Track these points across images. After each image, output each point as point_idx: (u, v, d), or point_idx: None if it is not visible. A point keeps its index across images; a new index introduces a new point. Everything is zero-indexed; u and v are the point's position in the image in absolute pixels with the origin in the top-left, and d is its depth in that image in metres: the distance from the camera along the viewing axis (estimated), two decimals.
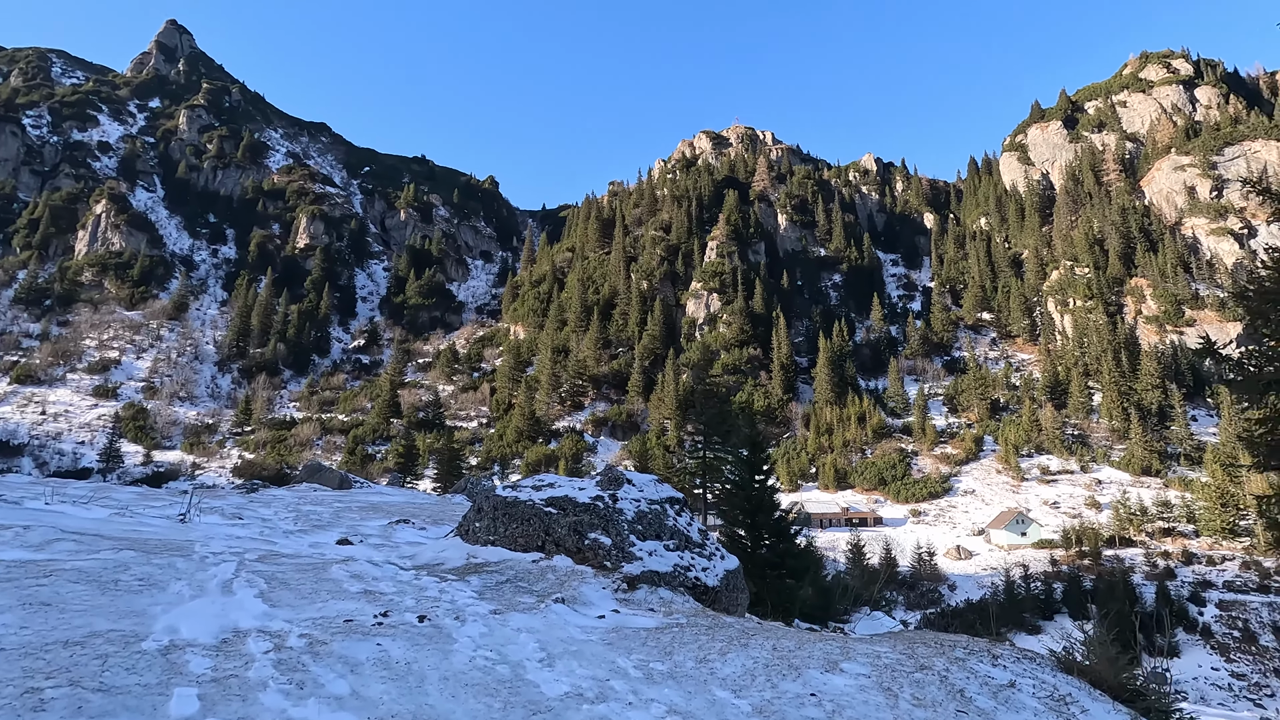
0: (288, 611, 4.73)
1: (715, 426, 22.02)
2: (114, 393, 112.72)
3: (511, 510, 8.43)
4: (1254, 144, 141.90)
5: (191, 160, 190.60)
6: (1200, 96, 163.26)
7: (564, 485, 8.91)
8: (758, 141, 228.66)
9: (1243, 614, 53.72)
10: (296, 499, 15.75)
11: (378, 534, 10.51)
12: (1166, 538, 72.77)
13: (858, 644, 4.93)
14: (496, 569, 7.13)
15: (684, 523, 8.53)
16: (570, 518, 8.11)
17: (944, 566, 68.22)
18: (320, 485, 22.06)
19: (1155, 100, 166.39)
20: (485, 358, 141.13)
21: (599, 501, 8.35)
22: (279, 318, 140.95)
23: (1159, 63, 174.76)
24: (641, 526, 8.12)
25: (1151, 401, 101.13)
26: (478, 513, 8.82)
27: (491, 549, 8.01)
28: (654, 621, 5.47)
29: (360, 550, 8.72)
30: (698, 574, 7.58)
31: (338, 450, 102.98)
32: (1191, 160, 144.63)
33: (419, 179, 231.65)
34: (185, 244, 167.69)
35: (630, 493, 8.66)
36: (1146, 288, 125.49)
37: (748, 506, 15.11)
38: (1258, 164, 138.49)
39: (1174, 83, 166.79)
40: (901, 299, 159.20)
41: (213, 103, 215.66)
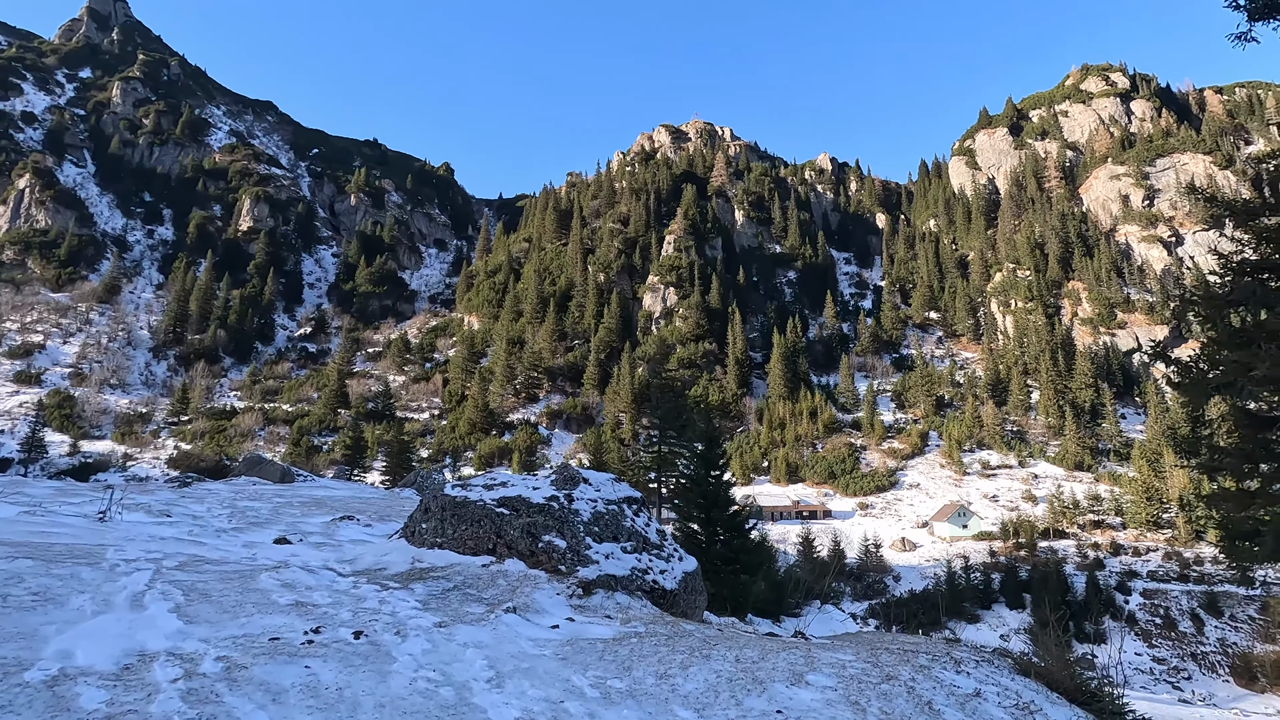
0: (205, 629, 4.26)
1: (671, 421, 21.85)
2: (38, 379, 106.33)
3: (461, 511, 7.97)
4: (1183, 156, 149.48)
5: (126, 135, 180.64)
6: (1135, 109, 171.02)
7: (517, 484, 8.52)
8: (716, 137, 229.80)
9: (1164, 602, 56.74)
10: (234, 494, 14.94)
11: (320, 532, 9.96)
12: (1097, 530, 76.30)
13: (821, 652, 4.75)
14: (443, 575, 6.70)
15: (641, 523, 8.22)
16: (523, 519, 7.73)
17: (889, 558, 70.03)
18: (261, 479, 21.07)
19: (1094, 111, 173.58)
20: (438, 348, 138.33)
21: (554, 502, 7.96)
22: (219, 303, 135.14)
23: (1098, 75, 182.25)
24: (598, 528, 7.78)
25: (1085, 400, 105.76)
26: (425, 513, 8.31)
27: (439, 552, 7.56)
28: (611, 631, 5.16)
29: (300, 550, 8.18)
30: (655, 577, 7.32)
31: (281, 441, 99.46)
32: (1126, 170, 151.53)
33: (371, 163, 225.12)
34: (118, 223, 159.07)
35: (587, 492, 8.29)
36: (1083, 291, 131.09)
37: (703, 502, 14.98)
38: (1186, 176, 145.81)
39: (1112, 95, 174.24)
40: (854, 297, 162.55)
41: (150, 75, 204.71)
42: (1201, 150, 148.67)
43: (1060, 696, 5.09)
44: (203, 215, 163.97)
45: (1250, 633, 52.01)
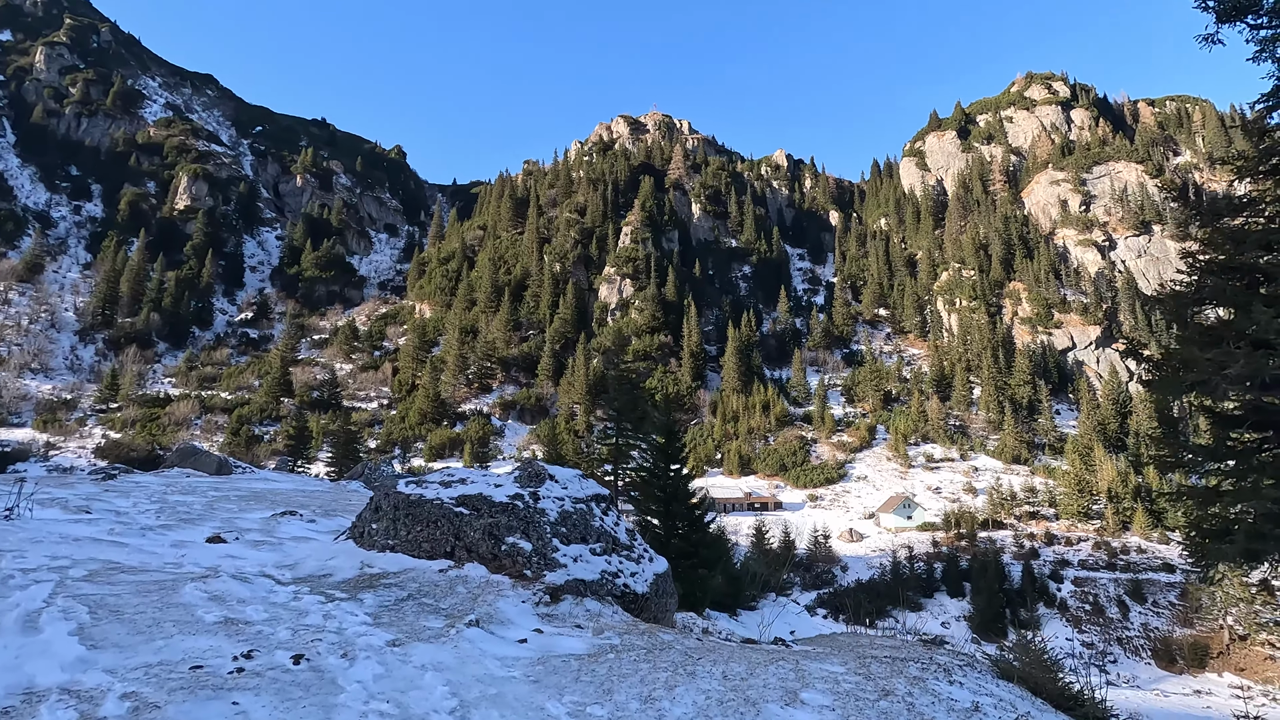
0: (113, 656, 3.58)
1: (628, 413, 21.50)
2: None
3: (416, 510, 7.36)
4: (1118, 165, 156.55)
5: (50, 104, 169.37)
6: (1075, 118, 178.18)
7: (478, 481, 7.92)
8: (675, 130, 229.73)
9: (1093, 589, 59.52)
10: (164, 486, 13.91)
11: (258, 528, 9.21)
12: (1032, 520, 79.54)
13: (809, 664, 4.44)
14: (396, 582, 6.09)
15: (610, 523, 7.77)
16: (485, 520, 7.22)
17: (837, 549, 71.51)
18: (195, 470, 19.84)
19: (1037, 118, 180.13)
20: (388, 336, 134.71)
21: (518, 501, 7.45)
22: (153, 285, 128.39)
23: (1042, 83, 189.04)
24: (565, 529, 7.33)
25: (1023, 396, 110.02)
26: (375, 512, 7.68)
27: (391, 556, 6.92)
28: (584, 644, 4.72)
29: (235, 550, 7.46)
30: (626, 580, 6.90)
31: (219, 431, 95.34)
32: (1065, 176, 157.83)
33: (318, 143, 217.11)
34: (41, 198, 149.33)
35: (553, 490, 7.79)
36: (1023, 291, 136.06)
37: (661, 495, 14.70)
38: (1120, 183, 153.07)
39: (1054, 103, 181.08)
40: (806, 292, 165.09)
41: (77, 41, 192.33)
42: (1134, 159, 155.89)
43: (1045, 702, 4.96)
44: (135, 192, 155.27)
45: (1171, 618, 54.99)
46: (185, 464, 19.37)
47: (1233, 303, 9.03)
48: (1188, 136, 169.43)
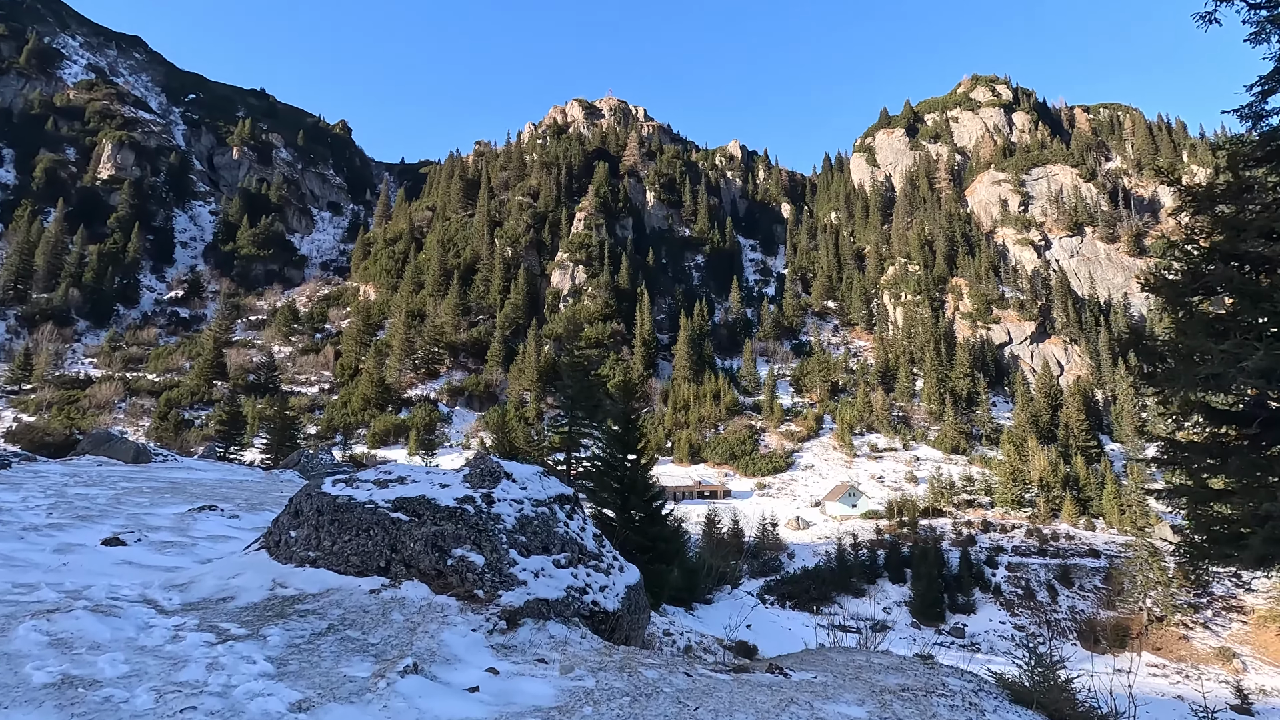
0: None
1: (582, 400, 20.81)
2: None
3: (344, 516, 6.26)
4: (1054, 168, 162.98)
5: None
6: (1016, 121, 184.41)
7: (420, 481, 6.81)
8: (630, 116, 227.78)
9: (1025, 574, 62.08)
10: (68, 477, 12.55)
11: (170, 526, 8.18)
12: (970, 508, 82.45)
13: (824, 706, 3.86)
14: (315, 608, 5.00)
15: (576, 528, 6.84)
16: (428, 528, 6.12)
17: (785, 536, 72.57)
18: (110, 458, 18.24)
19: (981, 120, 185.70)
20: (330, 318, 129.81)
21: (468, 505, 6.37)
22: (73, 258, 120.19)
23: (986, 86, 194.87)
24: (525, 537, 6.32)
25: (963, 389, 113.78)
26: (294, 517, 6.45)
27: (311, 572, 5.77)
28: (551, 689, 3.87)
29: (135, 553, 6.44)
30: (596, 596, 6.04)
31: (146, 415, 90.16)
32: (1006, 177, 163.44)
33: (257, 115, 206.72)
34: None
35: (510, 491, 6.74)
36: (964, 287, 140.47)
37: (618, 487, 14.13)
38: (1056, 186, 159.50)
39: (997, 106, 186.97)
40: (758, 283, 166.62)
41: None
42: (1070, 163, 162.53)
43: None
44: (53, 158, 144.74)
45: (1096, 601, 57.80)
46: (98, 451, 17.77)
47: (1240, 291, 8.92)
48: (1119, 143, 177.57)
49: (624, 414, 15.53)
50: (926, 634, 53.21)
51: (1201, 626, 51.75)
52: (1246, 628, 51.79)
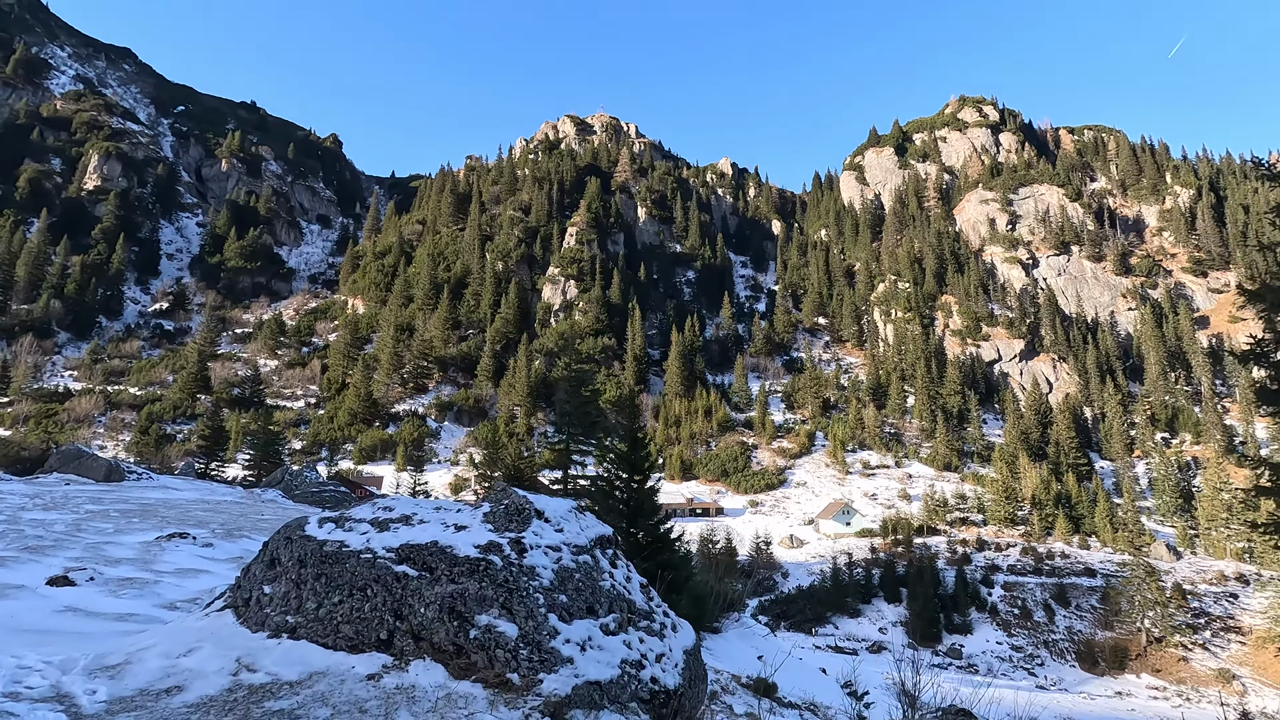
0: None
1: (580, 417, 20.04)
2: None
3: (333, 569, 4.95)
4: (1041, 187, 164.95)
5: None
6: (1003, 141, 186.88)
7: (429, 521, 5.35)
8: (622, 132, 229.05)
9: (1021, 594, 61.46)
10: (28, 498, 11.64)
11: (134, 558, 7.36)
12: (963, 526, 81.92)
13: None
14: (291, 707, 3.82)
15: (622, 578, 5.51)
16: (444, 586, 4.77)
17: (779, 555, 71.67)
18: (79, 476, 17.26)
19: (969, 140, 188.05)
20: (318, 331, 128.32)
21: (494, 555, 5.00)
22: (55, 269, 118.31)
23: (973, 107, 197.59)
24: (566, 596, 4.97)
25: (954, 405, 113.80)
26: (270, 567, 5.17)
27: (289, 646, 4.54)
28: None
29: (82, 598, 5.38)
30: (654, 670, 4.77)
31: (127, 429, 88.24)
32: (994, 196, 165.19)
33: (247, 127, 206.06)
34: None
35: (544, 534, 5.33)
36: (954, 304, 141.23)
37: (626, 510, 13.35)
38: (1043, 205, 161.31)
39: (984, 126, 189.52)
40: (749, 299, 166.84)
41: None
42: (1056, 183, 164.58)
43: None
44: (37, 169, 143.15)
45: (1093, 621, 57.22)
46: (68, 469, 16.81)
47: None
48: (1103, 163, 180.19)
49: (631, 432, 14.82)
50: (923, 655, 52.33)
51: (1200, 648, 51.25)
52: (1245, 649, 51.35)
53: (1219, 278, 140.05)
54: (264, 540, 6.20)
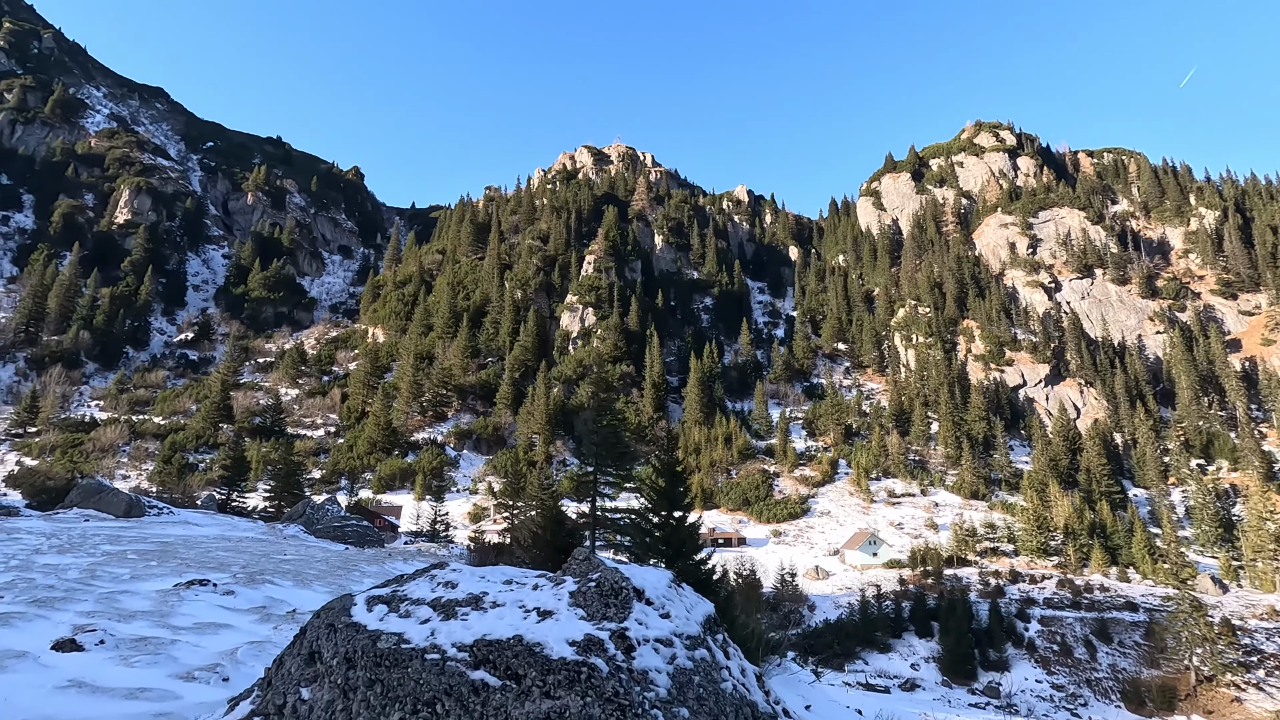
0: None
1: (608, 448, 19.38)
2: None
3: (392, 675, 3.89)
4: (1062, 210, 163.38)
5: None
6: (1021, 165, 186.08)
7: (503, 603, 4.26)
8: (638, 162, 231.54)
9: (1060, 629, 59.02)
10: (43, 537, 11.16)
11: (149, 610, 6.81)
12: (994, 557, 79.42)
13: None
14: None
15: (738, 671, 4.44)
16: (537, 703, 3.67)
17: (804, 587, 69.77)
18: (99, 511, 16.88)
19: (986, 164, 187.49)
20: (338, 360, 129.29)
21: (595, 655, 3.93)
22: (85, 301, 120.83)
23: (990, 132, 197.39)
24: (688, 709, 3.86)
25: (979, 432, 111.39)
26: (308, 663, 4.16)
27: None
28: None
29: (86, 668, 4.64)
30: None
31: (150, 459, 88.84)
32: (1013, 220, 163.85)
33: (273, 161, 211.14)
34: None
35: (649, 621, 4.23)
36: (976, 329, 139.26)
37: (666, 549, 12.57)
38: (1064, 228, 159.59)
39: (1001, 150, 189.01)
40: (767, 325, 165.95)
41: (16, 46, 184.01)
42: (1077, 206, 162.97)
43: None
44: (71, 204, 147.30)
45: (1137, 658, 54.69)
46: (88, 504, 16.46)
47: None
48: (1124, 186, 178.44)
49: (668, 465, 14.11)
50: (958, 694, 50.31)
51: (1254, 687, 48.63)
52: None
53: (1249, 300, 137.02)
54: (301, 620, 5.38)
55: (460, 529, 72.62)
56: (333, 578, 10.41)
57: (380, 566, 13.07)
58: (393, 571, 12.82)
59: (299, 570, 9.84)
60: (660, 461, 14.44)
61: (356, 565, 12.68)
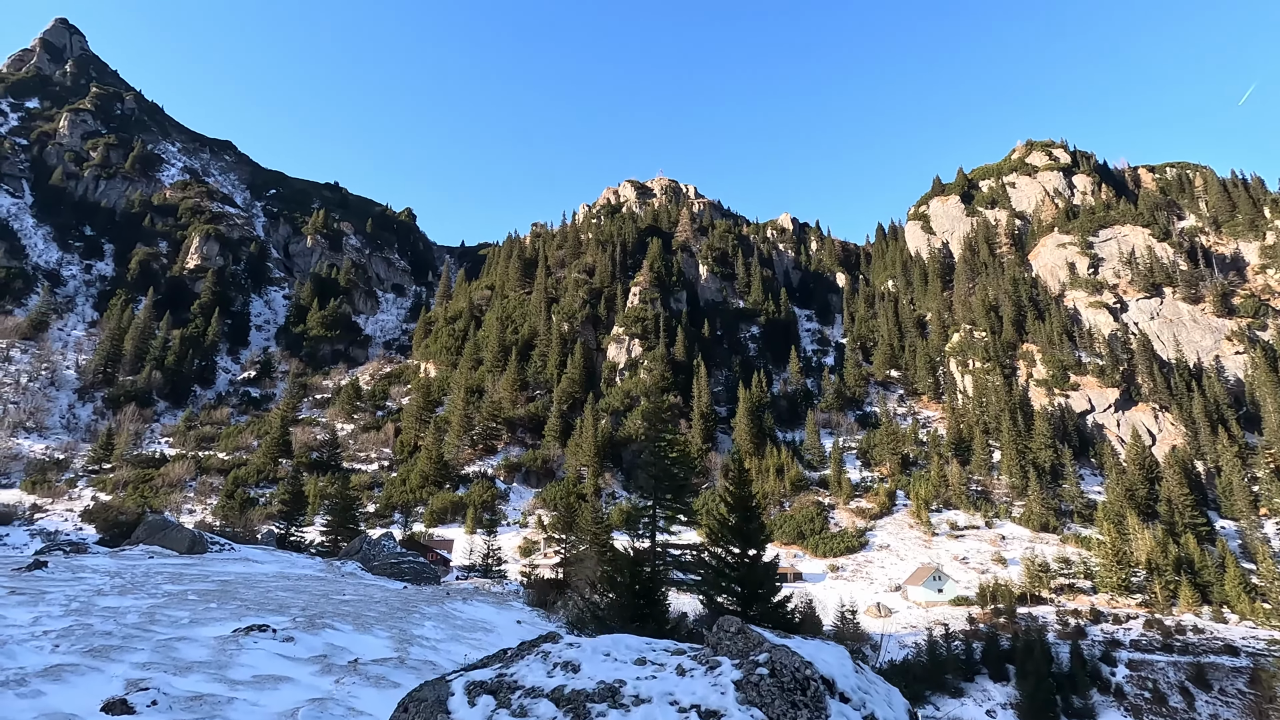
0: None
1: (667, 481, 18.64)
2: None
3: None
4: (1123, 228, 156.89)
5: (70, 167, 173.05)
6: (1077, 183, 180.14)
7: (648, 697, 3.20)
8: (681, 194, 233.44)
9: (1151, 674, 54.58)
10: (107, 577, 11.06)
11: (206, 661, 6.40)
12: (1070, 594, 74.57)
13: None
14: None
15: None
16: None
17: (866, 625, 66.62)
18: (163, 548, 16.99)
19: (1039, 184, 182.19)
20: (391, 396, 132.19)
21: None
22: (157, 343, 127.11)
23: (1042, 150, 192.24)
24: None
25: (1045, 460, 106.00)
26: None
27: None
28: None
29: None
30: None
31: (214, 493, 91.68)
32: (1071, 239, 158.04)
33: (330, 206, 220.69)
34: (53, 257, 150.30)
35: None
36: (1036, 353, 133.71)
37: (741, 590, 11.68)
38: (1127, 246, 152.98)
39: (1055, 169, 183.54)
40: (816, 353, 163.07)
41: (102, 108, 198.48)
42: (1140, 223, 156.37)
43: None
44: (147, 251, 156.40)
45: (1242, 708, 50.02)
46: (153, 540, 16.60)
47: None
48: (1190, 201, 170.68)
49: (741, 500, 13.31)
50: None
51: None
52: None
53: None
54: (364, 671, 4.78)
55: (511, 563, 72.22)
56: (393, 620, 9.99)
57: (440, 607, 12.62)
58: (454, 613, 12.31)
59: (358, 612, 9.39)
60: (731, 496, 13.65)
61: (416, 606, 12.24)
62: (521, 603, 19.90)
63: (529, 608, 18.84)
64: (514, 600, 20.50)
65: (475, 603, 16.41)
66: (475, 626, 11.34)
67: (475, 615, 12.52)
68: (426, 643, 8.64)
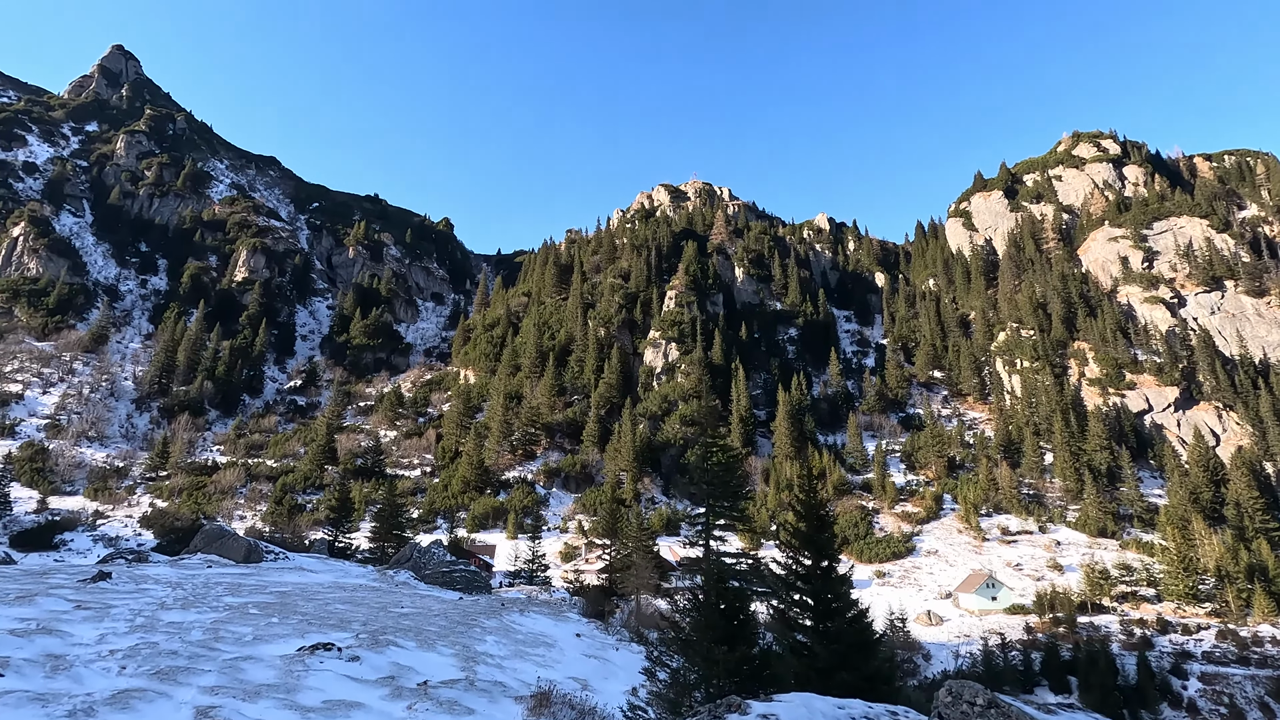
0: None
1: (720, 488, 18.06)
2: (11, 430, 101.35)
3: None
4: (1179, 220, 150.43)
5: (126, 187, 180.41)
6: (1128, 174, 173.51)
7: None
8: (715, 196, 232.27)
9: (1226, 688, 51.67)
10: (169, 588, 11.00)
11: (273, 683, 6.10)
12: (1132, 602, 71.29)
13: None
14: None
15: None
16: None
17: (916, 633, 64.74)
18: (221, 557, 17.08)
19: (1088, 176, 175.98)
20: (432, 402, 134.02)
21: None
22: (208, 354, 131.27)
23: (1089, 142, 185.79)
24: None
25: (1101, 462, 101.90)
26: None
27: None
28: None
29: None
30: None
31: (263, 500, 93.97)
32: (1124, 232, 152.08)
33: (371, 217, 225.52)
34: (111, 273, 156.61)
35: None
36: (1089, 351, 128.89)
37: (815, 605, 11.02)
38: (1184, 238, 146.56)
39: (1104, 161, 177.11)
40: (856, 355, 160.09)
41: (155, 129, 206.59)
42: (1197, 214, 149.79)
43: None
44: (198, 265, 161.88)
45: None
46: (210, 548, 16.72)
47: None
48: (1252, 190, 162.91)
49: (812, 507, 12.66)
50: None
51: None
52: None
53: None
54: (435, 695, 4.60)
55: (553, 568, 72.21)
56: (455, 635, 9.73)
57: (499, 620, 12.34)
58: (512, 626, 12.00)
59: (419, 627, 9.10)
60: (801, 503, 13.01)
61: (475, 619, 11.98)
62: (576, 613, 19.57)
63: (584, 619, 18.53)
64: (568, 610, 20.16)
65: (532, 614, 16.10)
66: (536, 641, 11.02)
67: (534, 628, 12.22)
68: (491, 660, 8.31)
